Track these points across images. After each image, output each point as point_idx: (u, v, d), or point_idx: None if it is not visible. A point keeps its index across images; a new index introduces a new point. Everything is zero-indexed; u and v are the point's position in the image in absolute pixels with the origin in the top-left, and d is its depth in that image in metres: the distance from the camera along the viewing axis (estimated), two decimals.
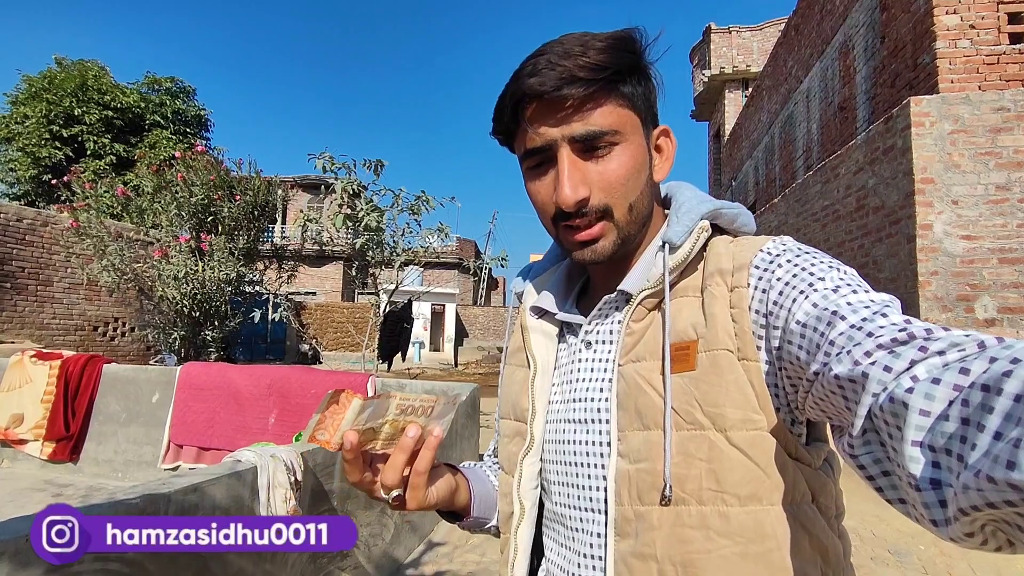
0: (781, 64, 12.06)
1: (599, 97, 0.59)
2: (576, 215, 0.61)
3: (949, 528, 0.36)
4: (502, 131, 0.65)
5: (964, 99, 4.96)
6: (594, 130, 0.59)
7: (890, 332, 0.44)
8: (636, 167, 0.62)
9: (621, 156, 0.61)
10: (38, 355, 5.31)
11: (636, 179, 0.62)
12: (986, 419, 0.32)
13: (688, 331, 0.60)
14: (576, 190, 0.59)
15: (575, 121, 0.59)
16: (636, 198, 0.63)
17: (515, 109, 0.61)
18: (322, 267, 24.11)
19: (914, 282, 4.84)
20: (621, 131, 0.61)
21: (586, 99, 0.58)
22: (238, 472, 1.91)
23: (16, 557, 1.19)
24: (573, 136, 0.59)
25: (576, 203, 0.60)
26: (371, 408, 0.57)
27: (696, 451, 0.56)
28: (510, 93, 0.61)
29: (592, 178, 0.61)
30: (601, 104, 0.59)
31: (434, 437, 0.58)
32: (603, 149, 0.60)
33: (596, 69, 0.57)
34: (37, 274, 9.38)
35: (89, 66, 19.17)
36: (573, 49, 0.58)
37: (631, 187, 0.62)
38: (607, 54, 0.58)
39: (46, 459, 5.05)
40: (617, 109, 0.60)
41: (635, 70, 0.61)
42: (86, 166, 17.16)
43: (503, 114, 0.63)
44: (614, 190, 0.61)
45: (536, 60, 0.59)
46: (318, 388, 4.73)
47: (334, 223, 6.23)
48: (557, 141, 0.60)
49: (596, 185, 0.61)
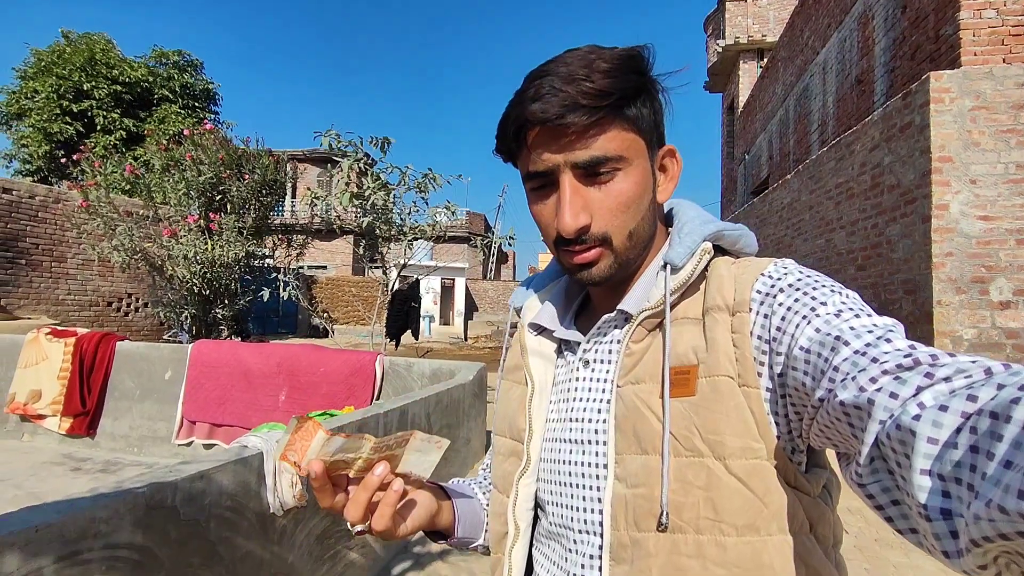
0: (797, 34, 11.71)
1: (603, 123, 0.58)
2: (576, 241, 0.61)
3: (961, 560, 0.35)
4: (505, 151, 0.65)
5: (987, 73, 4.80)
6: (597, 156, 0.58)
7: (895, 358, 0.43)
8: (639, 192, 0.61)
9: (624, 182, 0.60)
10: (53, 332, 5.40)
11: (638, 205, 0.62)
12: (995, 447, 0.31)
13: (688, 355, 0.59)
14: (576, 218, 0.59)
15: (578, 148, 0.58)
16: (636, 224, 0.62)
17: (518, 133, 0.60)
18: (332, 241, 24.17)
19: (928, 263, 4.77)
20: (625, 156, 0.60)
21: (589, 126, 0.57)
22: (244, 458, 1.94)
23: (27, 547, 1.22)
24: (576, 163, 0.59)
25: (576, 231, 0.60)
26: (339, 444, 0.57)
27: (694, 479, 0.56)
28: (513, 117, 0.60)
29: (594, 204, 0.60)
30: (605, 130, 0.58)
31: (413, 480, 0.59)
32: (606, 175, 0.60)
33: (600, 96, 0.56)
34: (51, 250, 9.51)
35: (96, 39, 19.06)
36: (577, 72, 0.57)
37: (632, 214, 0.61)
38: (612, 78, 0.57)
39: (64, 434, 5.18)
40: (621, 134, 0.59)
41: (640, 91, 0.60)
42: (96, 141, 17.20)
43: (506, 137, 0.62)
44: (615, 217, 0.61)
45: (540, 83, 0.58)
46: (327, 366, 4.78)
47: (340, 201, 6.21)
48: (560, 166, 0.59)
49: (597, 212, 0.60)
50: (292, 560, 2.23)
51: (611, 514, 0.59)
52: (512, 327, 0.80)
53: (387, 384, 4.72)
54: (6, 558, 1.16)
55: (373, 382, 4.66)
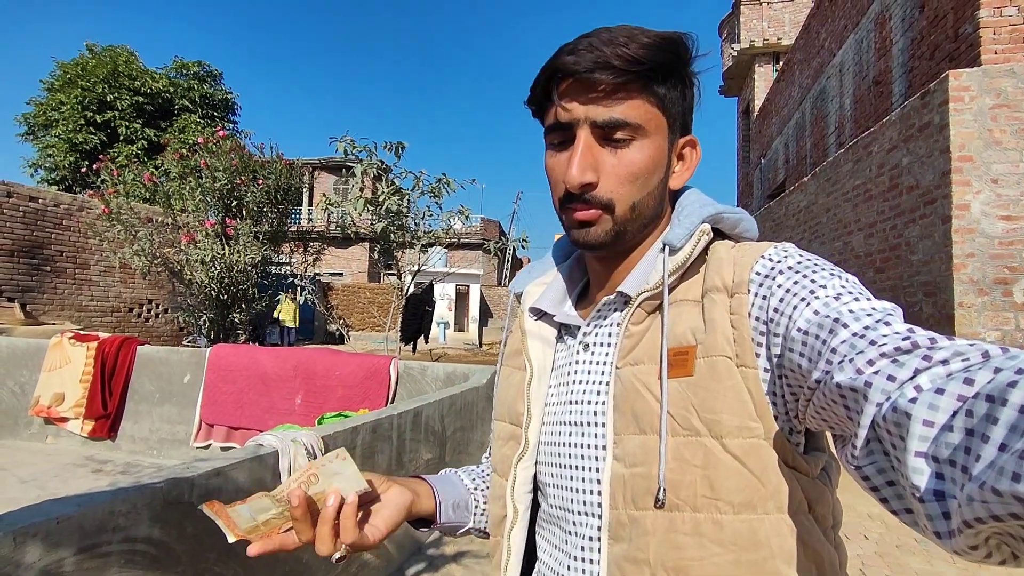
0: (814, 36, 11.62)
1: (630, 88, 0.59)
2: (579, 199, 0.62)
3: (953, 540, 0.36)
4: (535, 102, 0.66)
5: (1008, 71, 4.71)
6: (617, 119, 0.59)
7: (893, 341, 0.43)
8: (650, 167, 0.62)
9: (638, 152, 0.61)
10: (76, 337, 5.51)
11: (647, 178, 0.62)
12: (990, 430, 0.32)
13: (687, 336, 0.59)
14: (584, 173, 0.60)
15: (601, 105, 0.59)
16: (642, 198, 0.63)
17: (548, 83, 0.62)
18: (348, 248, 24.37)
19: (948, 264, 4.68)
20: (644, 127, 0.61)
21: (616, 87, 0.59)
22: (260, 456, 1.96)
23: (48, 538, 1.24)
24: (595, 120, 0.60)
25: (581, 185, 0.60)
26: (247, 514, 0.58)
27: (691, 457, 0.56)
28: (547, 67, 0.62)
29: (604, 167, 0.61)
30: (630, 96, 0.60)
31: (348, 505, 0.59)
32: (622, 141, 0.61)
33: (632, 61, 0.58)
34: (75, 257, 9.72)
35: (119, 52, 19.55)
36: (618, 38, 0.58)
37: (640, 185, 0.62)
38: (648, 50, 0.58)
39: (86, 436, 5.27)
40: (645, 105, 0.60)
41: (673, 72, 0.61)
42: (119, 151, 17.60)
43: (537, 86, 0.64)
44: (622, 185, 0.61)
45: (579, 41, 0.60)
46: (342, 370, 4.82)
47: (355, 206, 6.27)
48: (580, 121, 0.61)
49: (606, 175, 0.61)
50: (307, 559, 2.25)
51: (609, 493, 0.60)
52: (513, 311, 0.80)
53: (402, 387, 4.75)
54: (28, 548, 1.19)
55: (388, 385, 4.69)
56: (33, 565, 1.20)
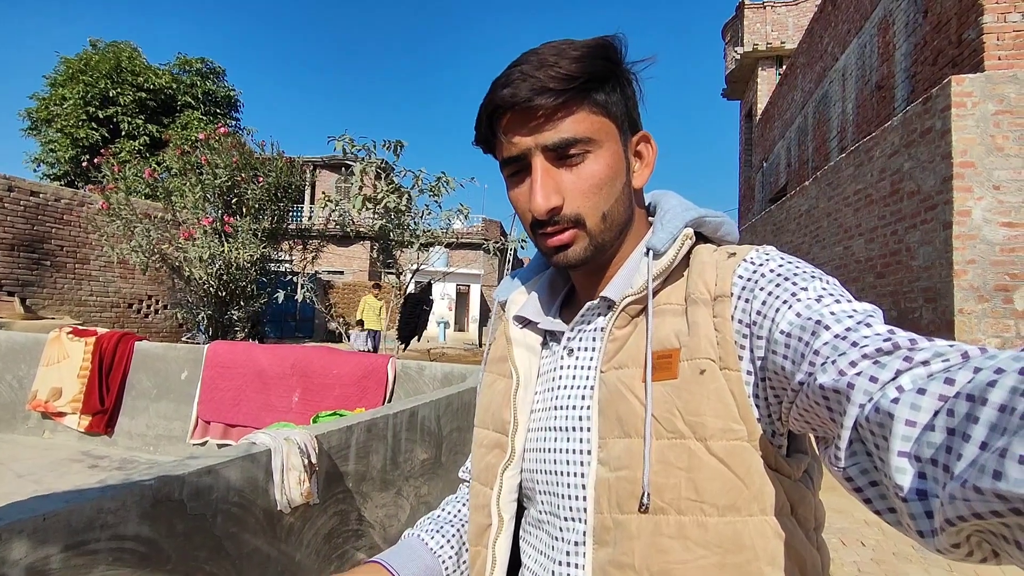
0: (817, 40, 11.60)
1: (571, 105, 0.60)
2: (549, 223, 0.62)
3: (935, 539, 0.36)
4: (482, 140, 0.67)
5: (1012, 77, 4.70)
6: (566, 138, 0.60)
7: (875, 342, 0.44)
8: (610, 174, 0.63)
9: (595, 164, 0.62)
10: (74, 331, 5.51)
11: (610, 187, 0.63)
12: (971, 429, 0.32)
13: (671, 339, 0.59)
14: (548, 199, 0.61)
15: (547, 130, 0.60)
16: (610, 206, 0.63)
17: (491, 120, 0.63)
18: (349, 247, 24.37)
19: (949, 271, 4.67)
20: (595, 139, 0.61)
21: (557, 108, 0.59)
22: (252, 454, 1.95)
23: (35, 535, 1.23)
24: (546, 145, 0.61)
25: (547, 211, 0.61)
26: None
27: (676, 460, 0.56)
28: (486, 105, 0.62)
29: (566, 186, 0.62)
30: (573, 112, 0.60)
31: None
32: (576, 157, 0.61)
33: (567, 79, 0.58)
34: (75, 252, 9.71)
35: (122, 47, 19.55)
36: (547, 59, 0.59)
37: (605, 195, 0.63)
38: (579, 63, 0.59)
39: (83, 431, 5.26)
40: (590, 117, 0.61)
41: (608, 77, 0.62)
42: (121, 147, 17.60)
43: (481, 124, 0.65)
44: (587, 198, 0.62)
45: (511, 72, 0.60)
46: (340, 368, 4.81)
47: (354, 205, 6.26)
48: (531, 150, 0.61)
49: (569, 193, 0.62)
50: (299, 559, 2.24)
51: (594, 497, 0.60)
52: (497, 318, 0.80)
53: (399, 387, 4.73)
54: (14, 545, 1.18)
55: (385, 384, 4.67)
56: (19, 562, 1.19)
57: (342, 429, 2.59)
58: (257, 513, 1.94)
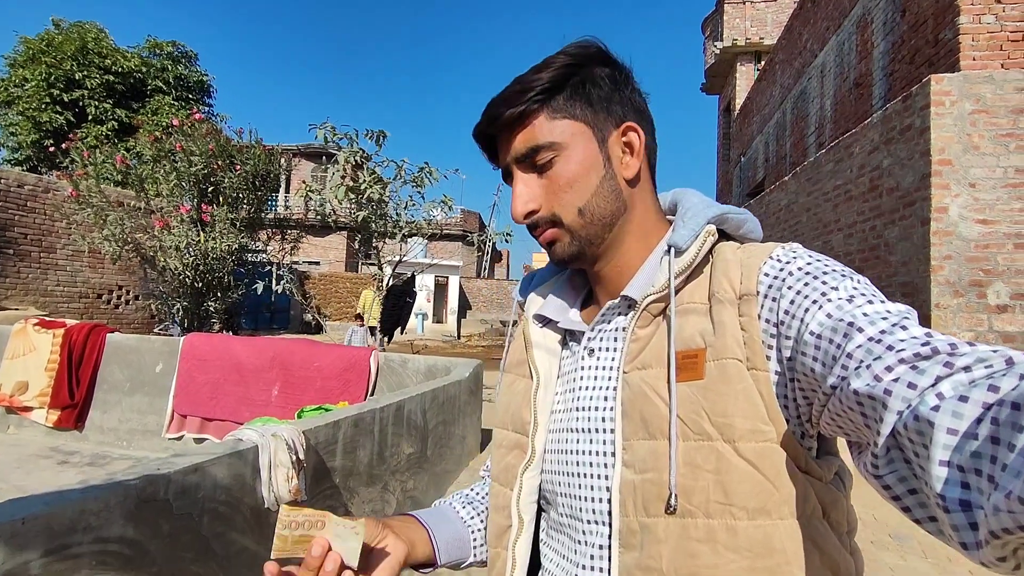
0: (796, 37, 11.74)
1: (528, 117, 0.64)
2: (533, 227, 0.67)
3: (980, 552, 0.35)
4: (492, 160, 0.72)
5: (987, 78, 4.81)
6: (530, 146, 0.64)
7: (912, 346, 0.42)
8: (581, 171, 0.64)
9: (563, 164, 0.64)
10: (41, 323, 5.31)
11: (584, 183, 0.64)
12: (1017, 438, 0.31)
13: (696, 339, 0.58)
14: (525, 205, 0.65)
15: (515, 143, 0.65)
16: (586, 201, 0.64)
17: (487, 148, 0.70)
18: (326, 237, 24.01)
19: (926, 266, 4.77)
20: (558, 141, 0.63)
21: (515, 122, 0.64)
22: (239, 451, 1.89)
23: (12, 540, 1.16)
24: (516, 157, 0.65)
25: (523, 217, 0.66)
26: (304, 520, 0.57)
27: (703, 462, 0.55)
28: (475, 136, 0.70)
29: (541, 190, 0.65)
30: (531, 123, 0.64)
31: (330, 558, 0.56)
32: (545, 162, 0.64)
33: (519, 94, 0.63)
34: (40, 241, 9.36)
35: (88, 28, 18.82)
36: (511, 86, 0.64)
37: (578, 192, 0.64)
38: (530, 79, 0.63)
39: (51, 426, 5.09)
40: (549, 123, 0.64)
41: (565, 82, 0.64)
42: (88, 132, 17.00)
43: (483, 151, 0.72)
44: (559, 197, 0.64)
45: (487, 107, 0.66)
46: (321, 361, 4.73)
47: (336, 195, 6.14)
48: (509, 164, 0.67)
49: (545, 196, 0.65)
50: None
51: (619, 500, 0.59)
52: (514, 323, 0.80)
53: (382, 380, 4.67)
54: None
55: (368, 378, 4.61)
56: None
57: (329, 424, 2.53)
58: (244, 511, 1.88)
